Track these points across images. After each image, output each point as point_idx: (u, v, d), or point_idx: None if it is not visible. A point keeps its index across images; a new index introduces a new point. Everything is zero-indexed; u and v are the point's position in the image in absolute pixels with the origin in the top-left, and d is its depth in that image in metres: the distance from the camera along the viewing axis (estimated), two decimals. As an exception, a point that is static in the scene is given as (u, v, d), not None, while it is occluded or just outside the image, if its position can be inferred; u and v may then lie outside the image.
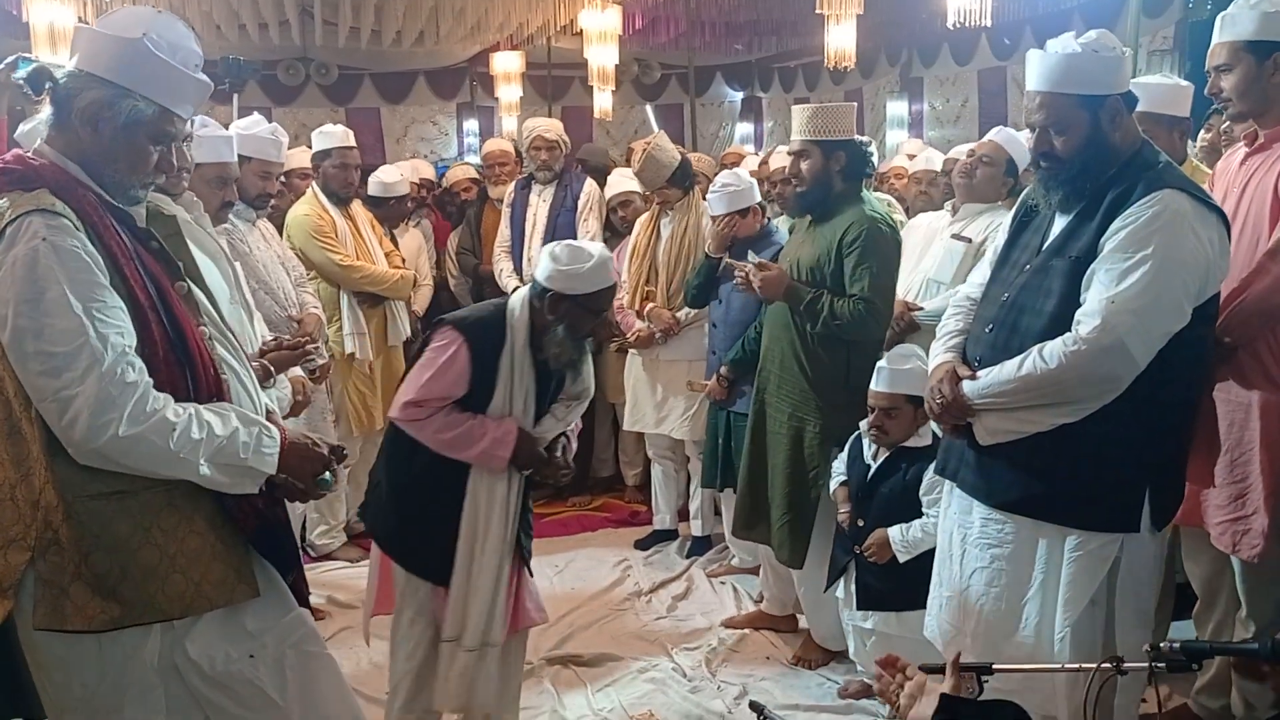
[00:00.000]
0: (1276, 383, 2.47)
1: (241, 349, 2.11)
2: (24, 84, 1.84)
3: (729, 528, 4.23)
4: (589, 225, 5.02)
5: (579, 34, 7.24)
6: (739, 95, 11.56)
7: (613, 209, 5.00)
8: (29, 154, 1.86)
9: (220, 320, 2.08)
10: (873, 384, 3.11)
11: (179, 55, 1.87)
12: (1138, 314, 2.16)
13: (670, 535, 4.76)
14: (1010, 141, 3.77)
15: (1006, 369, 2.30)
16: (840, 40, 5.58)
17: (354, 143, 4.62)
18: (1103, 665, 1.69)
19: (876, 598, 3.14)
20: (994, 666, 1.81)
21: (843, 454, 3.29)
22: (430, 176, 6.39)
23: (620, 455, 5.35)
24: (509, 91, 8.66)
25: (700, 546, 4.61)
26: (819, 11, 5.55)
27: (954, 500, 2.57)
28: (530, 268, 5.00)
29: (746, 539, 3.77)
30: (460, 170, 6.25)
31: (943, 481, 2.63)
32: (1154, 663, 1.65)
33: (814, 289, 3.31)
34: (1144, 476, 2.30)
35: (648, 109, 11.11)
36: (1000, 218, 3.37)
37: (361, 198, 4.81)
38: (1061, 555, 2.34)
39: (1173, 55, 6.42)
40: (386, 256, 4.69)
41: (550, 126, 5.22)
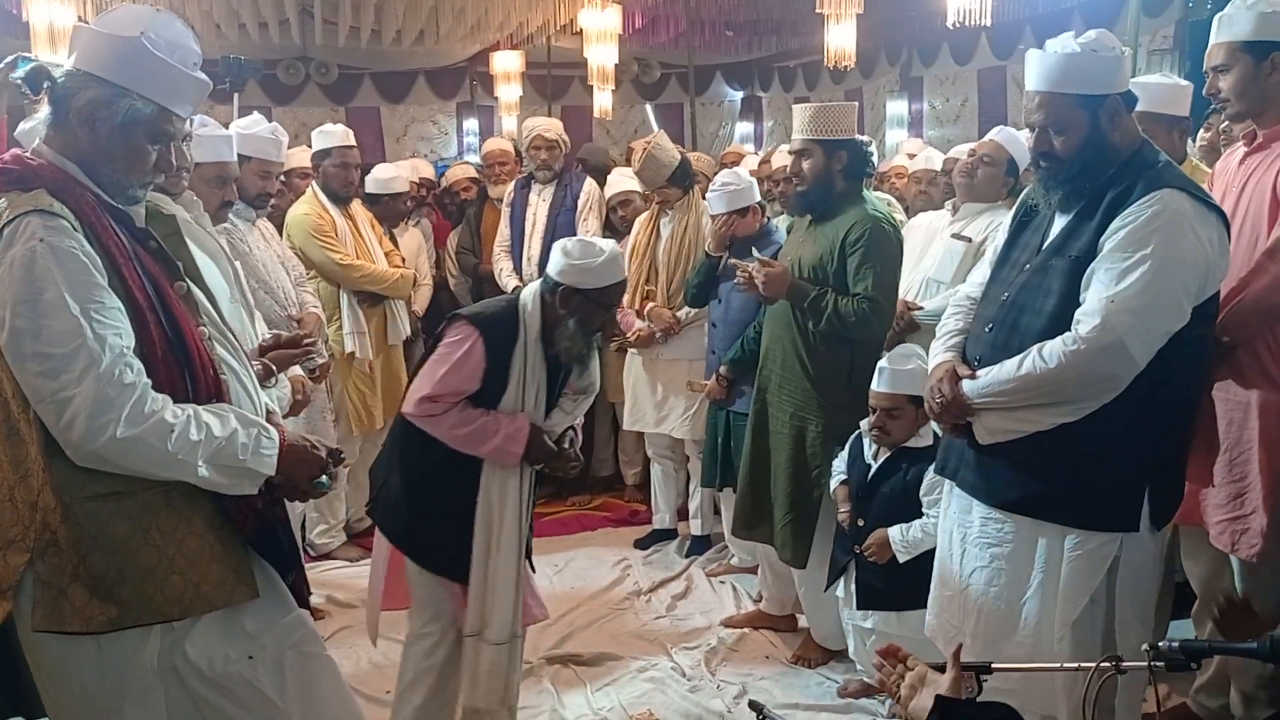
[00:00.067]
0: (1275, 382, 2.47)
1: (242, 349, 2.10)
2: (22, 83, 1.83)
3: (728, 527, 4.23)
4: (589, 224, 5.01)
5: (579, 33, 7.24)
6: (739, 95, 11.55)
7: (612, 208, 5.00)
8: (27, 154, 1.84)
9: (220, 320, 2.07)
10: (874, 384, 3.11)
11: (177, 54, 1.86)
12: (1137, 313, 2.16)
13: (670, 534, 4.77)
14: (1011, 141, 3.77)
15: (1006, 368, 2.30)
16: (840, 40, 5.58)
17: (354, 142, 4.61)
18: (1101, 664, 1.69)
19: (876, 597, 3.15)
20: (993, 666, 1.80)
21: (843, 452, 3.29)
22: (430, 176, 6.38)
23: (620, 455, 5.35)
24: (509, 91, 8.65)
25: (700, 546, 4.61)
26: (819, 11, 5.55)
27: (954, 500, 2.57)
28: (530, 267, 5.01)
29: (747, 539, 3.77)
30: (460, 170, 6.24)
31: (943, 482, 2.63)
32: (1153, 662, 1.65)
33: (817, 287, 3.31)
34: (1143, 476, 2.30)
35: (647, 108, 11.11)
36: (1000, 217, 3.37)
37: (361, 197, 4.81)
38: (1061, 554, 2.34)
39: (1172, 55, 6.42)
40: (386, 256, 4.69)
41: (550, 126, 5.21)
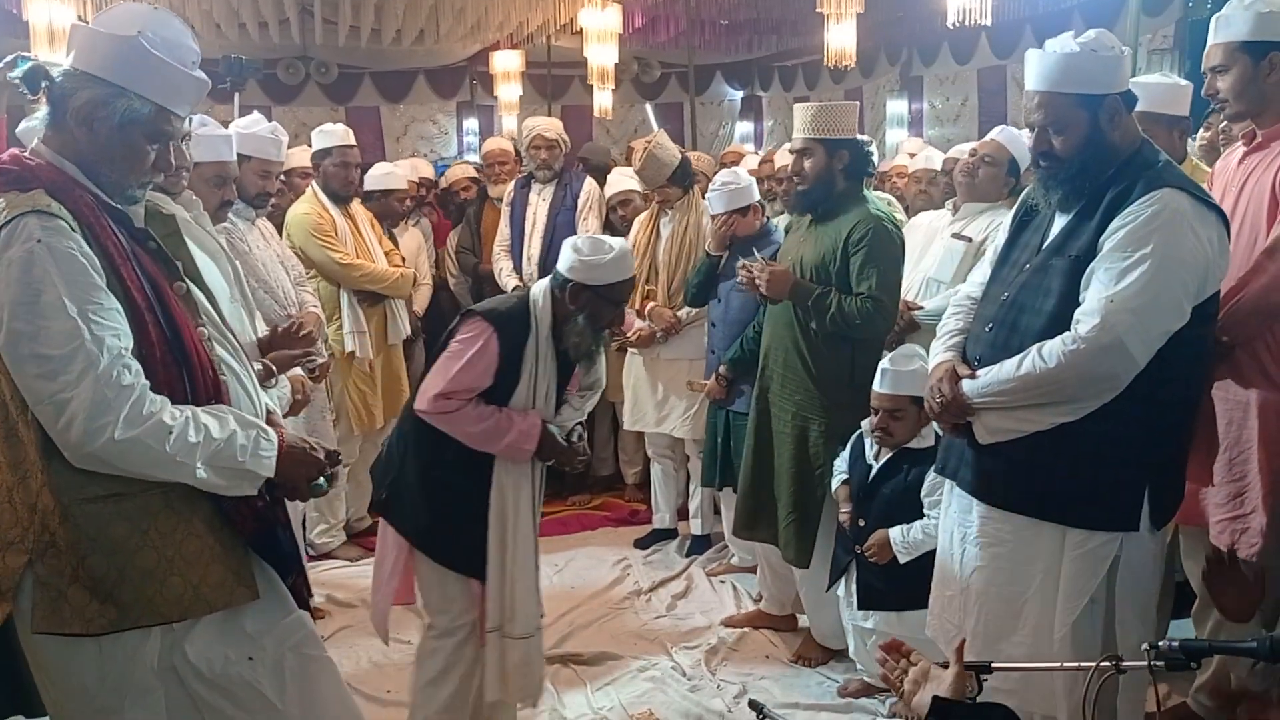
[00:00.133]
0: (1274, 381, 2.47)
1: (241, 349, 2.10)
2: (20, 83, 1.82)
3: (728, 527, 4.23)
4: (589, 224, 5.01)
5: (579, 33, 7.25)
6: (739, 94, 11.56)
7: (612, 208, 5.00)
8: (25, 154, 1.84)
9: (220, 320, 2.06)
10: (876, 386, 3.11)
11: (175, 53, 1.85)
12: (1137, 313, 2.16)
13: (670, 534, 4.76)
14: (1012, 141, 3.76)
15: (1006, 368, 2.30)
16: (840, 39, 5.57)
17: (354, 141, 4.61)
18: (1101, 664, 1.69)
19: (877, 597, 3.15)
20: (993, 666, 1.81)
21: (845, 452, 3.29)
22: (430, 175, 6.38)
23: (620, 454, 5.34)
24: (509, 90, 8.65)
25: (700, 545, 4.61)
26: (819, 10, 5.55)
27: (954, 499, 2.57)
28: (530, 266, 5.00)
29: (749, 539, 3.77)
30: (459, 169, 6.24)
31: (944, 483, 2.63)
32: (1153, 661, 1.65)
33: (820, 287, 3.30)
34: (1143, 475, 2.30)
35: (647, 108, 11.11)
36: (1001, 217, 3.36)
37: (360, 196, 4.81)
38: (1061, 554, 2.33)
39: (1172, 54, 6.42)
40: (386, 255, 4.68)
41: (550, 125, 5.21)
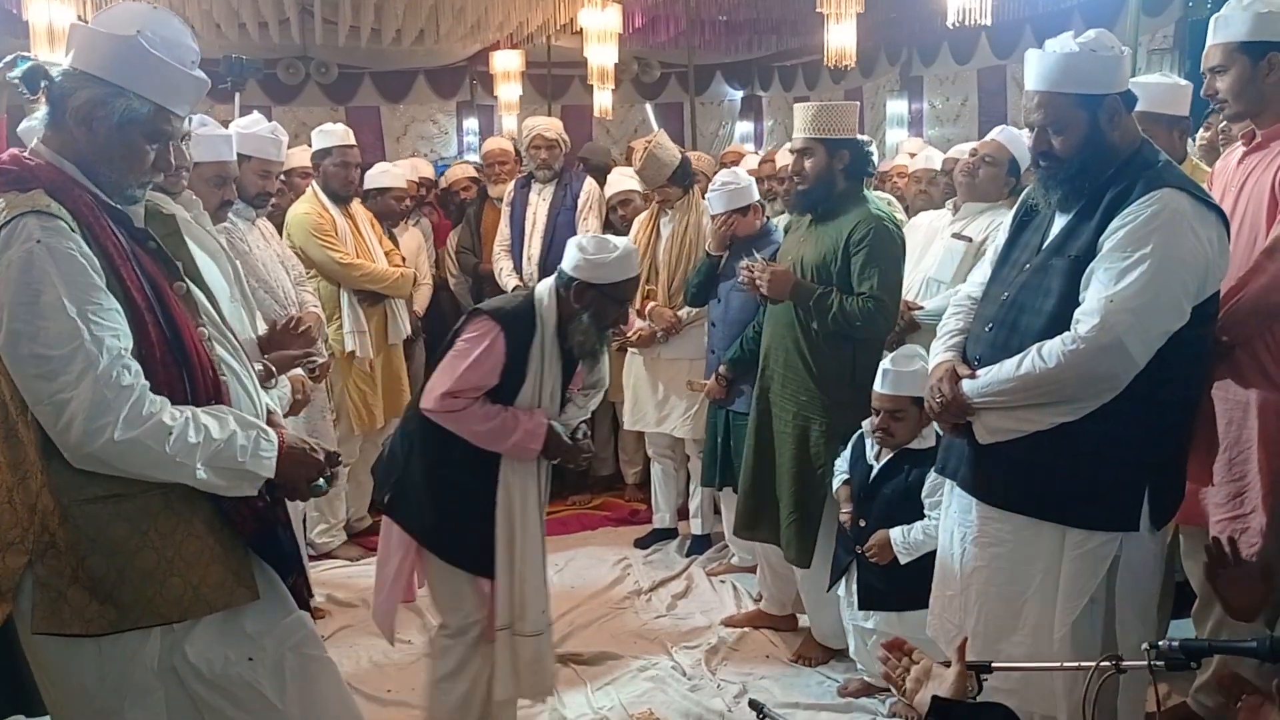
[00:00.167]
0: (1274, 381, 2.47)
1: (242, 349, 2.09)
2: (19, 83, 1.81)
3: (728, 526, 4.23)
4: (589, 224, 5.01)
5: (579, 33, 7.25)
6: (739, 94, 11.56)
7: (612, 208, 4.99)
8: (25, 153, 1.83)
9: (220, 320, 2.06)
10: (877, 386, 3.11)
11: (175, 52, 1.85)
12: (1136, 313, 2.16)
13: (670, 534, 4.76)
14: (1013, 141, 3.76)
15: (1005, 368, 2.30)
16: (840, 39, 5.58)
17: (354, 141, 4.61)
18: (1102, 664, 1.69)
19: (878, 598, 3.15)
20: (993, 665, 1.81)
21: (846, 451, 3.28)
22: (429, 175, 6.38)
23: (620, 454, 5.34)
24: (509, 90, 8.65)
25: (700, 545, 4.61)
26: (819, 10, 5.55)
27: (955, 499, 2.57)
28: (530, 266, 5.01)
29: (749, 539, 3.76)
30: (459, 169, 6.24)
31: (944, 483, 2.64)
32: (1153, 661, 1.65)
33: (821, 287, 3.30)
34: (1143, 475, 2.30)
35: (647, 108, 11.11)
36: (1001, 217, 3.36)
37: (360, 196, 4.81)
38: (1061, 554, 2.33)
39: (1172, 54, 6.42)
40: (386, 255, 4.69)
41: (550, 125, 5.21)
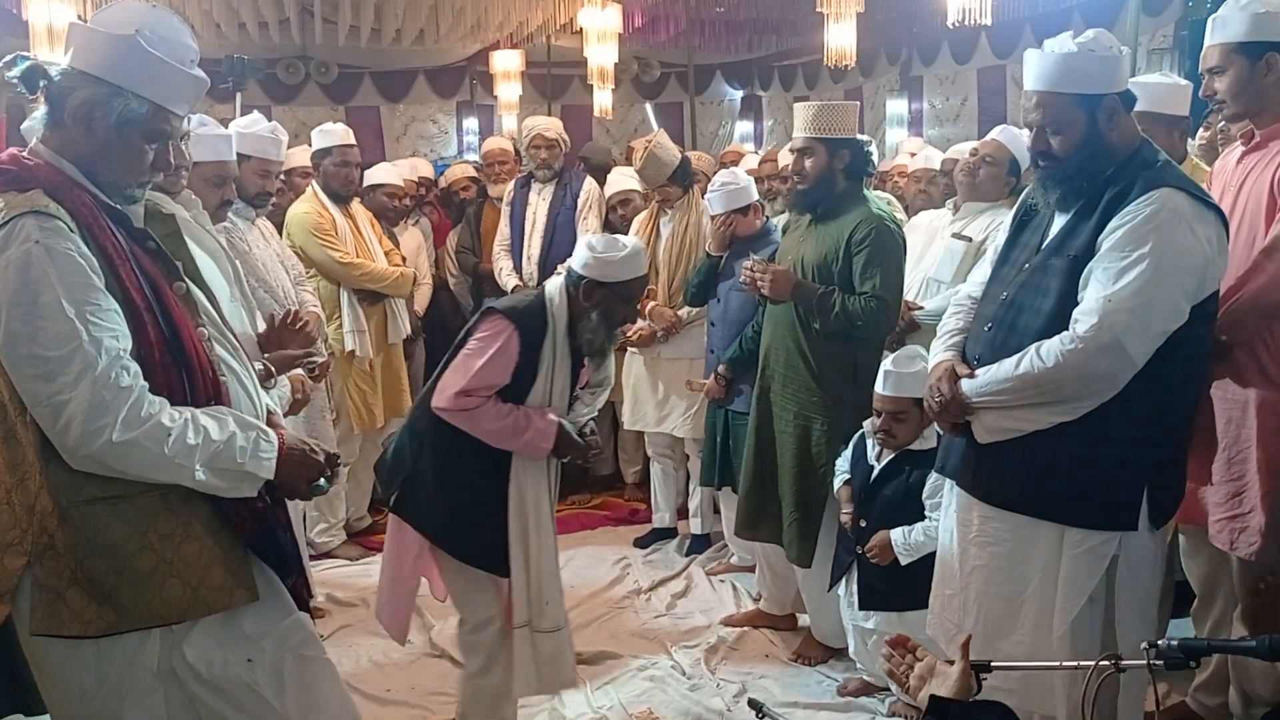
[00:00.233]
0: (1273, 381, 2.46)
1: (242, 349, 2.09)
2: (18, 82, 1.81)
3: (728, 526, 4.23)
4: (589, 223, 5.01)
5: (579, 32, 7.25)
6: (739, 94, 11.55)
7: (612, 207, 4.99)
8: (24, 153, 1.83)
9: (220, 320, 2.05)
10: (878, 388, 3.10)
11: (174, 52, 1.84)
12: (1134, 313, 2.16)
13: (670, 533, 4.76)
14: (1013, 140, 3.76)
15: (1004, 367, 2.30)
16: (840, 39, 5.57)
17: (354, 141, 4.61)
18: (1101, 663, 1.69)
19: (878, 598, 3.14)
20: (993, 665, 1.81)
21: (847, 451, 3.28)
22: (429, 175, 6.39)
23: (620, 453, 5.34)
24: (509, 90, 8.65)
25: (699, 545, 4.61)
26: (819, 10, 5.55)
27: (954, 498, 2.57)
28: (530, 266, 5.01)
29: (750, 539, 3.75)
30: (459, 169, 6.24)
31: (945, 483, 2.64)
32: (1152, 660, 1.65)
33: (823, 286, 3.30)
34: (1142, 475, 2.30)
35: (647, 107, 11.10)
36: (1001, 216, 3.36)
37: (360, 196, 4.81)
38: (1060, 553, 2.33)
39: (1172, 54, 6.42)
40: (386, 255, 4.68)
41: (550, 125, 5.21)
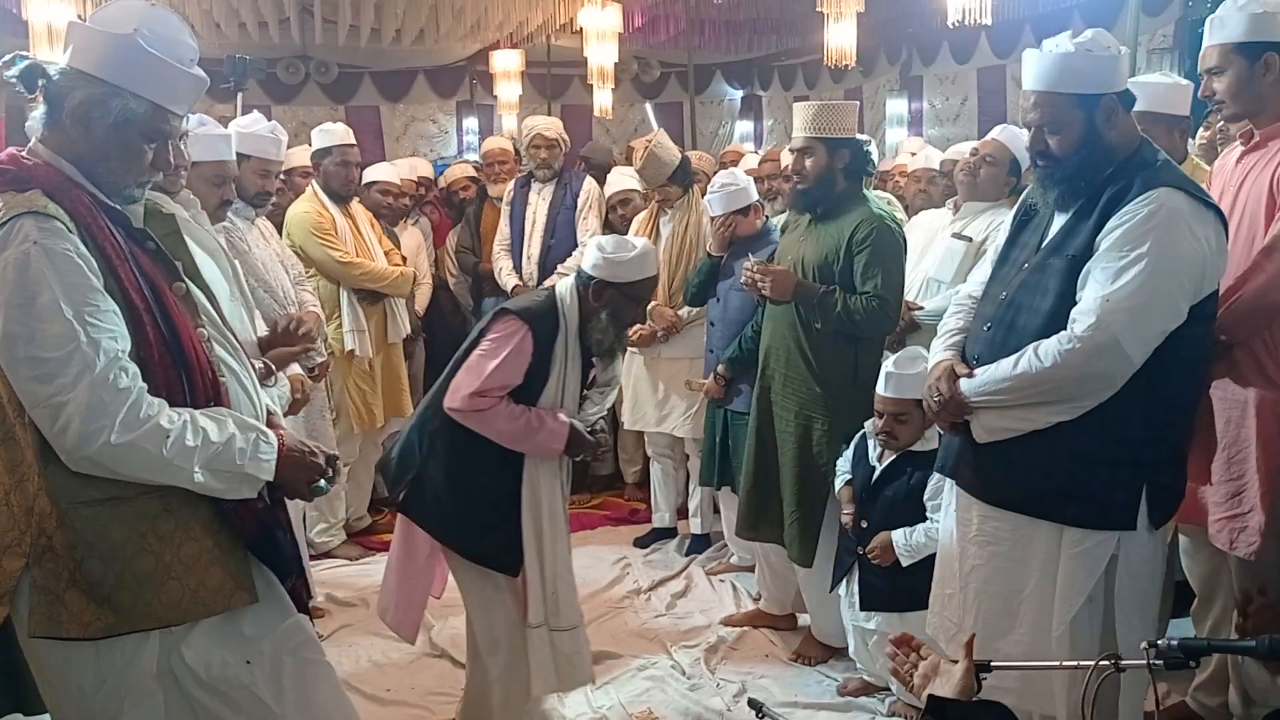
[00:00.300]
0: (1272, 380, 2.46)
1: (242, 348, 2.08)
2: (16, 82, 1.80)
3: (728, 526, 4.23)
4: (589, 223, 5.01)
5: (578, 32, 7.25)
6: (739, 93, 11.55)
7: (612, 207, 4.99)
8: (23, 153, 1.82)
9: (220, 320, 2.05)
10: (880, 389, 3.10)
11: (173, 50, 1.83)
12: (1132, 312, 2.16)
13: (669, 533, 4.76)
14: (1014, 140, 3.75)
15: (1002, 367, 2.30)
16: (840, 38, 5.57)
17: (354, 141, 4.61)
18: (1101, 663, 1.69)
19: (879, 599, 3.14)
20: (993, 664, 1.80)
21: (848, 451, 3.28)
22: (428, 175, 6.38)
23: (619, 453, 5.33)
24: (508, 90, 8.65)
25: (699, 544, 4.61)
26: (819, 10, 5.55)
27: (954, 497, 2.57)
28: (530, 266, 5.01)
29: (751, 539, 3.74)
30: (459, 169, 6.24)
31: (946, 483, 2.64)
32: (1152, 660, 1.65)
33: (824, 286, 3.30)
34: (1140, 475, 2.29)
35: (647, 107, 11.10)
36: (1001, 216, 3.36)
37: (359, 195, 4.81)
38: (1058, 553, 2.33)
39: (1172, 53, 6.42)
40: (386, 255, 4.68)
41: (550, 125, 5.21)
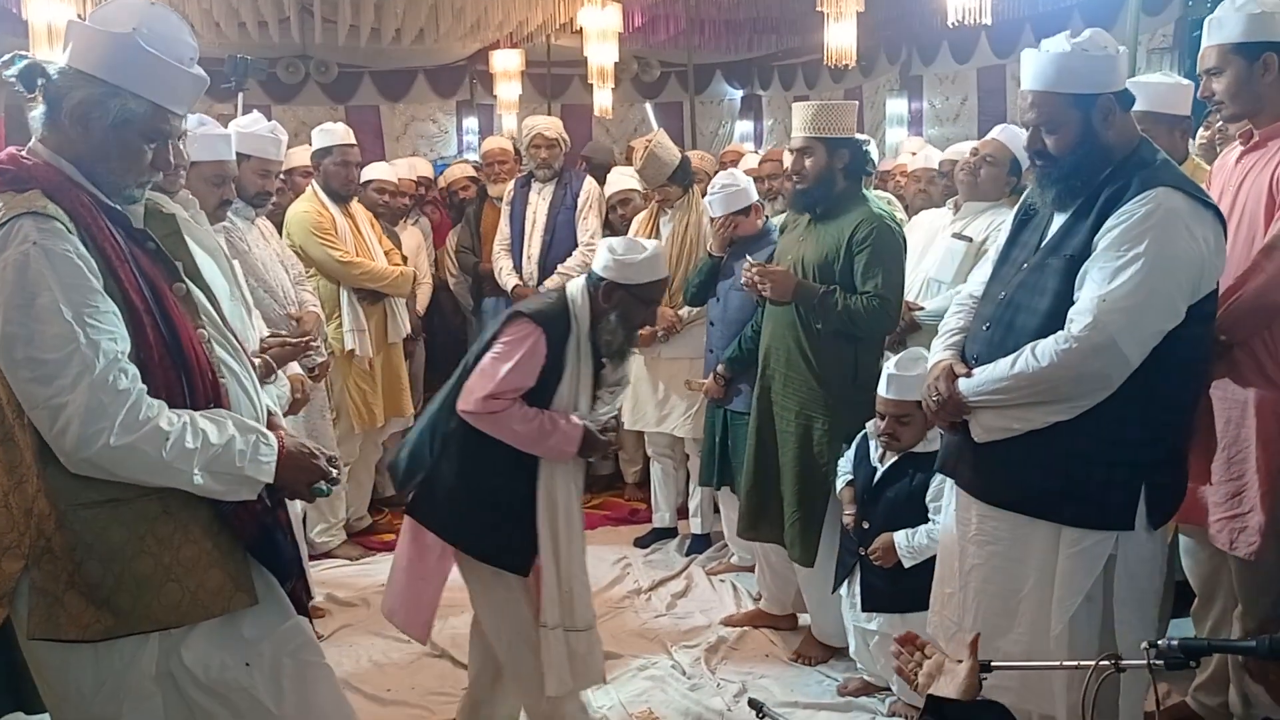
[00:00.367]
0: (1272, 380, 2.47)
1: (242, 349, 2.08)
2: (16, 81, 1.79)
3: (728, 526, 4.23)
4: (589, 223, 5.01)
5: (579, 32, 7.25)
6: (739, 93, 11.55)
7: (612, 207, 4.99)
8: (22, 153, 1.82)
9: (221, 320, 2.04)
10: (882, 391, 3.09)
11: (172, 50, 1.82)
12: (1128, 312, 2.16)
13: (670, 533, 4.76)
14: (1014, 140, 3.74)
15: (1000, 367, 2.30)
16: (840, 38, 5.57)
17: (354, 140, 4.61)
18: (1101, 663, 1.69)
19: (881, 599, 3.14)
20: (993, 664, 1.81)
21: (849, 451, 3.28)
22: (428, 174, 6.38)
23: (620, 453, 5.33)
24: (508, 89, 8.65)
25: (700, 544, 4.61)
26: (819, 9, 5.55)
27: (955, 497, 2.58)
28: (530, 265, 5.01)
29: (752, 539, 3.74)
30: (459, 169, 6.24)
31: (948, 483, 2.64)
32: (1152, 660, 1.65)
33: (824, 286, 3.30)
34: (1138, 475, 2.29)
35: (647, 107, 11.11)
36: (1002, 216, 3.36)
37: (358, 195, 4.81)
38: (1057, 552, 2.33)
39: (1172, 53, 6.42)
40: (386, 254, 4.68)
41: (550, 125, 5.21)
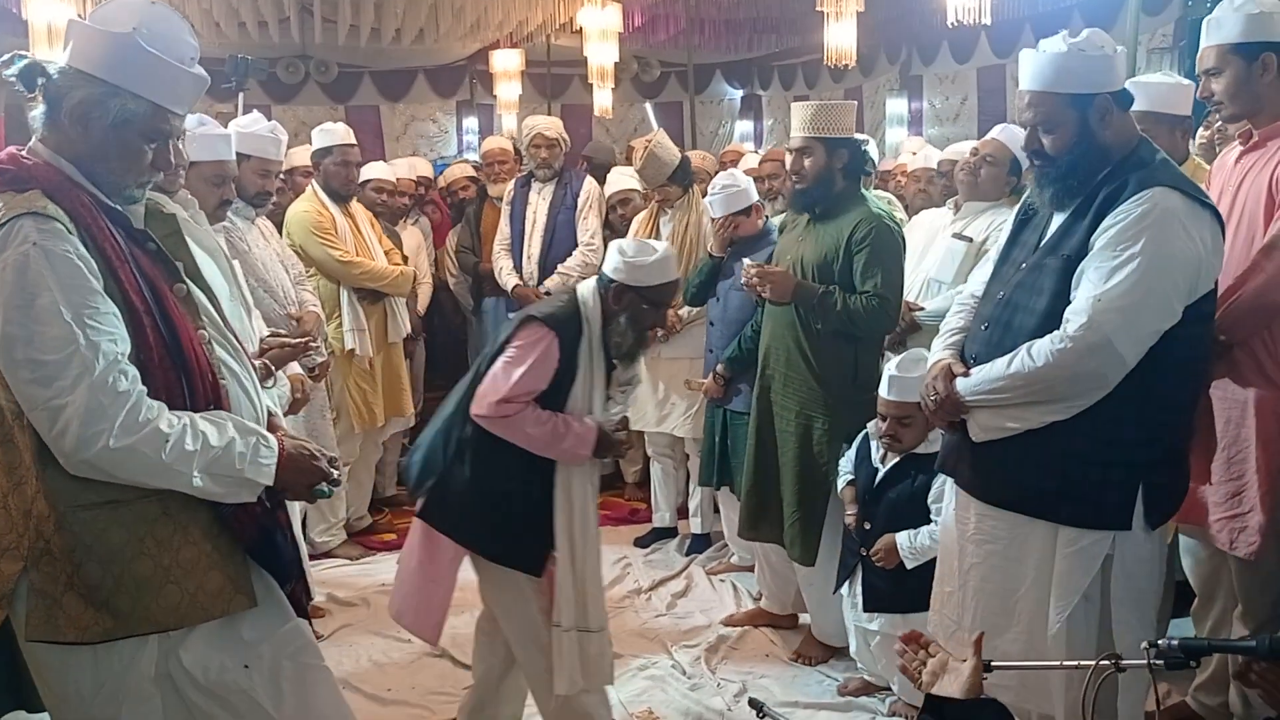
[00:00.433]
0: (1272, 380, 2.47)
1: (243, 349, 2.07)
2: (16, 81, 1.79)
3: (728, 526, 4.22)
4: (589, 223, 5.01)
5: (578, 32, 7.26)
6: (738, 93, 11.56)
7: (612, 207, 4.99)
8: (23, 152, 1.81)
9: (221, 321, 2.03)
10: (883, 393, 3.09)
11: (173, 49, 1.81)
12: (1124, 312, 2.16)
13: (670, 533, 4.76)
14: (1014, 140, 3.72)
15: (997, 366, 2.30)
16: (840, 38, 5.57)
17: (355, 140, 4.61)
18: (1101, 663, 1.69)
19: (883, 600, 3.14)
20: (993, 664, 1.81)
21: (850, 451, 3.28)
22: (428, 174, 6.38)
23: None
24: (508, 89, 8.65)
25: (700, 544, 4.61)
26: (819, 9, 5.55)
27: (954, 496, 2.58)
28: (530, 265, 5.01)
29: (752, 539, 3.73)
30: (458, 168, 6.24)
31: (948, 482, 2.64)
32: (1152, 660, 1.65)
33: (824, 286, 3.30)
34: (1135, 475, 2.29)
35: (647, 107, 11.11)
36: (1002, 216, 3.36)
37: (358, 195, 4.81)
38: (1054, 552, 2.33)
39: (1172, 53, 6.41)
40: (386, 254, 4.68)
41: (550, 124, 5.21)
